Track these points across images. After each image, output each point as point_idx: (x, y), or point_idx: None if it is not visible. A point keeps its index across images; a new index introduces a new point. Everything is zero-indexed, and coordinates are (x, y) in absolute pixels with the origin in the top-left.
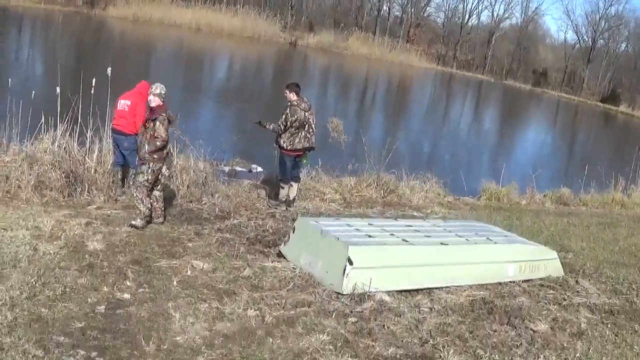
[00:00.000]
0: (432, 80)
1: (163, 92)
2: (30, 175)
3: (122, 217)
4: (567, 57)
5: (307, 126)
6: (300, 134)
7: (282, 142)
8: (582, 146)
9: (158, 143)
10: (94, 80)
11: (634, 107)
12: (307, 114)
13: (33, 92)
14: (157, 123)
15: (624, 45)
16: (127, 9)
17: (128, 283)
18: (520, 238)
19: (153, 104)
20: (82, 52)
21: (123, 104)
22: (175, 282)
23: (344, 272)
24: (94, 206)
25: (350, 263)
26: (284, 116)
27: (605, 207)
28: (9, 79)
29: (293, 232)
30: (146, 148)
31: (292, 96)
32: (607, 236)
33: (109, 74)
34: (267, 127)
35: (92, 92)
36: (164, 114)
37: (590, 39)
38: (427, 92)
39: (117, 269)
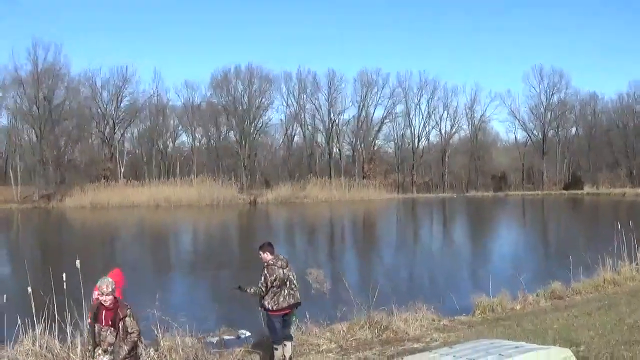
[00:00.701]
0: (395, 209)
1: (112, 287)
2: None
3: None
4: (521, 155)
5: (288, 283)
6: (283, 292)
7: (266, 304)
8: (558, 236)
9: (135, 337)
10: (64, 275)
11: (597, 185)
12: (285, 270)
13: (5, 295)
14: (127, 319)
15: (573, 129)
16: (84, 198)
17: None
18: (531, 345)
19: (108, 303)
20: (46, 247)
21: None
22: None
23: None
24: None
25: None
26: (262, 278)
27: (599, 290)
28: None
29: None
30: (125, 350)
31: (267, 256)
32: (611, 318)
33: (78, 266)
34: (249, 291)
35: (64, 286)
36: (125, 305)
37: (540, 132)
38: (393, 222)
39: None
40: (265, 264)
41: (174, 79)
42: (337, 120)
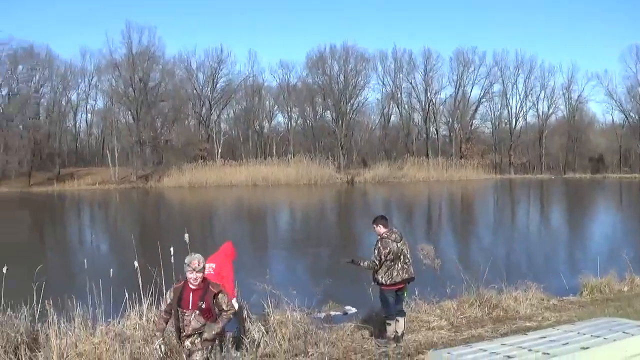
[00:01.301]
0: (493, 190)
1: (204, 264)
2: (123, 353)
3: None
4: (618, 137)
5: (402, 257)
6: (397, 266)
7: (380, 278)
8: None
9: (231, 313)
10: (172, 249)
11: None
12: (399, 244)
13: (111, 270)
14: (220, 295)
15: None
16: (181, 178)
17: None
18: None
19: (198, 282)
20: (148, 224)
21: (208, 267)
22: None
23: None
24: None
25: None
26: (376, 251)
27: None
28: (85, 261)
29: None
30: (220, 326)
31: (380, 229)
32: None
33: (187, 240)
34: (362, 264)
35: (172, 260)
36: (216, 284)
37: (636, 114)
38: (491, 202)
39: None
40: (379, 237)
41: (269, 60)
42: (434, 100)
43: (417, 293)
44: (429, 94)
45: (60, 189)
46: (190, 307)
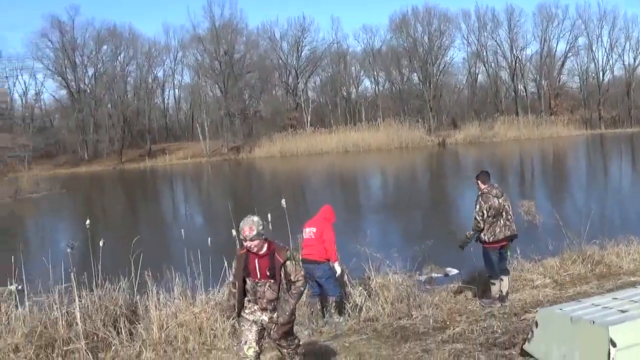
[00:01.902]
0: (585, 146)
1: (259, 228)
2: (224, 322)
3: (335, 349)
4: None
5: (504, 213)
6: (499, 222)
7: (482, 236)
8: None
9: (301, 286)
10: (269, 216)
11: None
12: (500, 200)
13: (209, 239)
14: (288, 264)
15: None
16: (272, 147)
17: None
18: None
19: (256, 250)
20: (243, 194)
21: (309, 231)
22: None
23: (608, 357)
24: (300, 342)
25: (614, 345)
26: (477, 206)
27: None
28: (182, 231)
29: (536, 327)
30: (292, 304)
31: (481, 185)
32: None
33: (284, 206)
34: (468, 237)
35: (271, 227)
36: (283, 248)
37: None
38: (584, 158)
39: None
40: (480, 192)
41: (352, 25)
42: (520, 57)
43: (518, 251)
44: (514, 50)
45: (152, 165)
46: (259, 276)
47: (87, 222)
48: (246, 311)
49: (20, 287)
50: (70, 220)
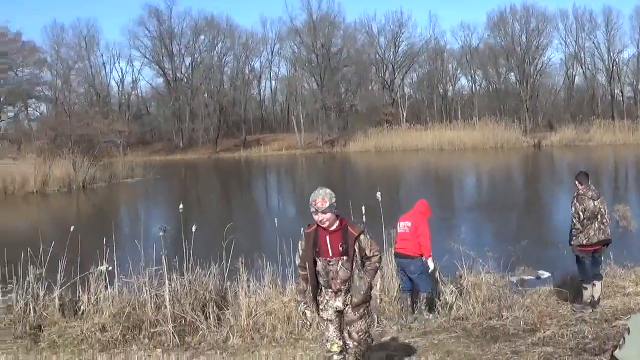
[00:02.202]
0: None
1: (332, 201)
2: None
3: (424, 346)
4: None
5: (599, 216)
6: (594, 225)
7: (576, 239)
8: None
9: (376, 262)
10: (363, 208)
11: None
12: (595, 202)
13: (302, 229)
14: (362, 237)
15: None
16: (367, 142)
17: None
18: None
19: (327, 225)
20: (336, 186)
21: (403, 226)
22: None
23: None
24: (388, 337)
25: None
26: (572, 208)
27: None
28: (275, 220)
29: (628, 333)
30: (367, 282)
31: (579, 185)
32: None
33: (379, 199)
34: (573, 242)
35: (364, 219)
36: (356, 222)
37: None
38: None
39: None
40: (576, 193)
41: (450, 22)
42: (617, 59)
43: (611, 257)
44: (611, 53)
45: (246, 155)
46: (331, 254)
47: (181, 206)
48: (320, 306)
49: (110, 268)
50: (163, 206)
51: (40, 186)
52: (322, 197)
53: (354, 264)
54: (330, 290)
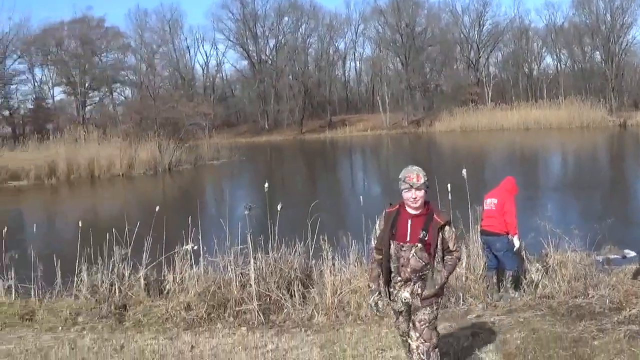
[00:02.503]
0: None
1: (426, 179)
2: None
3: (509, 324)
4: None
5: None
6: None
7: None
8: None
9: (457, 257)
10: (449, 186)
11: None
12: None
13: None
14: (447, 228)
15: None
16: (453, 122)
17: None
18: None
19: (419, 204)
20: (421, 165)
21: (490, 203)
22: None
23: None
24: (473, 315)
25: None
26: None
27: None
28: (360, 198)
29: None
30: (444, 276)
31: None
32: None
33: (465, 176)
34: None
35: (450, 197)
36: (443, 211)
37: None
38: None
39: None
40: None
41: (534, 0)
42: None
43: None
44: None
45: (331, 136)
46: (408, 239)
47: (266, 185)
48: (391, 297)
49: (196, 247)
50: (248, 186)
51: (126, 169)
52: (417, 173)
53: (435, 255)
54: (399, 278)
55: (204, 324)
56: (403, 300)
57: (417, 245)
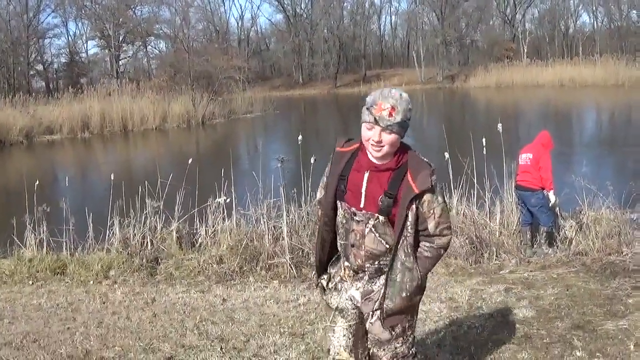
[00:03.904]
0: None
1: (409, 114)
2: None
3: (543, 280)
4: None
5: None
6: None
7: None
8: None
9: (444, 246)
10: (484, 140)
11: None
12: None
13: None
14: (429, 197)
15: None
16: (488, 78)
17: (578, 353)
18: None
19: (387, 158)
20: (456, 120)
21: (525, 158)
22: (632, 347)
23: None
24: (507, 270)
25: None
26: None
27: None
28: None
29: None
30: (417, 277)
31: None
32: None
33: (500, 130)
34: None
35: (484, 152)
36: (426, 165)
37: None
38: None
39: (559, 337)
40: None
41: None
42: None
43: None
44: None
45: (366, 90)
46: (362, 205)
47: (299, 137)
48: (329, 284)
49: (228, 200)
50: (282, 140)
51: (160, 123)
52: (393, 104)
53: (403, 238)
54: (347, 264)
55: (236, 277)
56: (351, 304)
57: (378, 218)
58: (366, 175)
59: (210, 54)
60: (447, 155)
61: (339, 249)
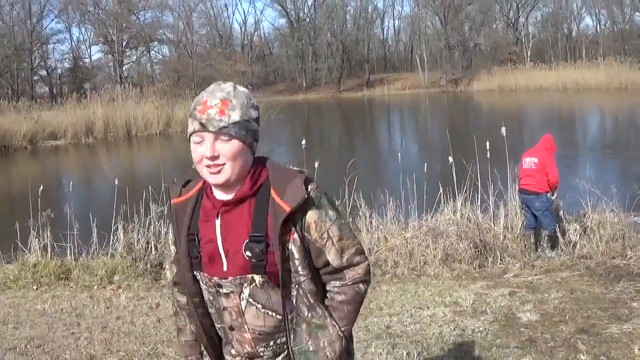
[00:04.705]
0: None
1: (254, 113)
2: (435, 249)
3: (547, 283)
4: None
5: None
6: None
7: None
8: None
9: (362, 279)
10: (487, 143)
11: None
12: None
13: (425, 164)
14: (313, 213)
15: None
16: (491, 81)
17: (582, 357)
18: None
19: (236, 186)
20: (459, 124)
21: (529, 161)
22: (636, 351)
23: None
24: (511, 274)
25: None
26: None
27: None
28: (398, 155)
29: None
30: (337, 335)
31: None
32: None
33: (504, 134)
34: None
35: (488, 155)
36: (290, 174)
37: None
38: None
39: (563, 341)
40: None
41: None
42: None
43: None
44: None
45: (369, 95)
46: (226, 269)
47: (303, 142)
48: None
49: None
50: (286, 144)
51: (163, 128)
52: (223, 98)
53: (293, 288)
54: (233, 351)
55: None
56: None
57: (250, 279)
58: (217, 222)
59: (213, 59)
60: (450, 159)
61: (220, 334)
